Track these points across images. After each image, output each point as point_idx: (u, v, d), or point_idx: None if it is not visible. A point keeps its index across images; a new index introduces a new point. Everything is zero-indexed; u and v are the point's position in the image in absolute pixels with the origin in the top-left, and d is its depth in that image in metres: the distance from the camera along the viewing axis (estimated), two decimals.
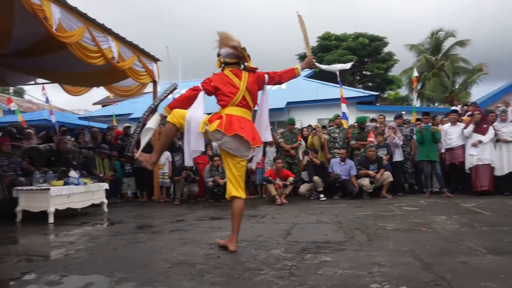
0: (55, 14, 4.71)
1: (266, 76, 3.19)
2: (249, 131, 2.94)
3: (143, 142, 3.03)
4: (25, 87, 23.41)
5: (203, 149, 3.04)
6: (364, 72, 27.49)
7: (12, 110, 13.81)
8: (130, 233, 4.01)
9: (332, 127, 8.29)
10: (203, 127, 2.89)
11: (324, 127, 9.05)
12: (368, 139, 7.70)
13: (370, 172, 7.12)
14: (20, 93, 26.97)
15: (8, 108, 15.59)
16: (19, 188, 5.11)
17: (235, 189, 3.00)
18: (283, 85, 17.73)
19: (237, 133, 2.84)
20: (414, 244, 3.11)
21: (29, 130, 8.50)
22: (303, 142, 8.27)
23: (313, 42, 26.60)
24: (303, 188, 7.50)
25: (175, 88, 3.21)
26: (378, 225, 4.09)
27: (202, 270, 2.49)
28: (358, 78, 27.24)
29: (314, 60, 3.41)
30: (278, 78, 3.24)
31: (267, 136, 3.34)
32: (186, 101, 2.97)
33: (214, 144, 7.99)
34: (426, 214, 4.79)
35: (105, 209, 6.02)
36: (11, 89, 24.13)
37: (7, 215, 5.12)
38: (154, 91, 8.01)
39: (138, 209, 6.42)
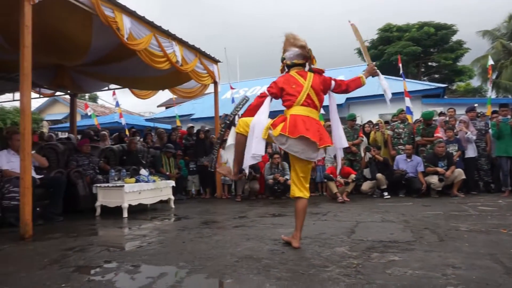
0: (126, 24, 5.09)
1: (332, 82, 3.12)
2: (315, 131, 2.85)
3: (230, 158, 3.13)
4: (98, 93, 25.60)
5: (263, 153, 2.99)
6: (429, 63, 25.79)
7: (88, 114, 15.15)
8: (196, 228, 4.21)
9: (396, 122, 7.93)
10: (266, 133, 2.89)
11: (387, 122, 8.69)
12: (435, 134, 7.23)
13: (439, 169, 6.69)
14: (94, 99, 29.47)
15: (85, 113, 17.13)
16: (98, 185, 5.59)
17: (299, 190, 3.00)
18: None
19: (302, 135, 2.78)
20: (493, 247, 2.88)
21: (104, 132, 9.28)
22: (364, 139, 8.02)
23: (373, 35, 25.62)
24: (366, 185, 7.28)
25: (246, 101, 3.24)
26: (450, 225, 3.84)
27: (268, 265, 2.54)
28: (423, 70, 25.64)
29: (376, 68, 3.26)
30: (345, 86, 3.15)
31: (343, 142, 3.22)
32: (255, 110, 3.00)
33: None
34: (506, 215, 4.40)
35: (172, 205, 6.36)
36: (87, 95, 26.46)
37: (89, 210, 5.65)
38: (215, 92, 8.29)
39: (202, 206, 6.70)
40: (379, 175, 6.97)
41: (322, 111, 10.14)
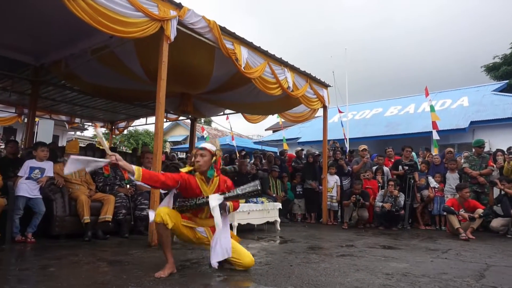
0: (243, 54, 5.53)
1: None
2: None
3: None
4: (213, 117, 27.84)
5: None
6: None
7: (204, 137, 16.61)
8: (303, 253, 4.18)
9: None
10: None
11: None
12: None
13: None
14: (209, 122, 32.14)
15: (201, 135, 18.82)
16: None
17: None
18: (466, 102, 15.53)
19: None
20: None
21: None
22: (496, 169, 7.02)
23: (505, 50, 22.53)
24: (497, 222, 6.29)
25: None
26: None
27: None
28: None
29: (114, 157, 2.81)
30: None
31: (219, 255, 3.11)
32: None
33: (386, 169, 7.68)
34: None
35: (278, 227, 6.45)
36: (203, 119, 29.04)
37: None
38: (324, 116, 8.30)
39: (307, 230, 6.64)
40: None
41: (437, 136, 9.22)
